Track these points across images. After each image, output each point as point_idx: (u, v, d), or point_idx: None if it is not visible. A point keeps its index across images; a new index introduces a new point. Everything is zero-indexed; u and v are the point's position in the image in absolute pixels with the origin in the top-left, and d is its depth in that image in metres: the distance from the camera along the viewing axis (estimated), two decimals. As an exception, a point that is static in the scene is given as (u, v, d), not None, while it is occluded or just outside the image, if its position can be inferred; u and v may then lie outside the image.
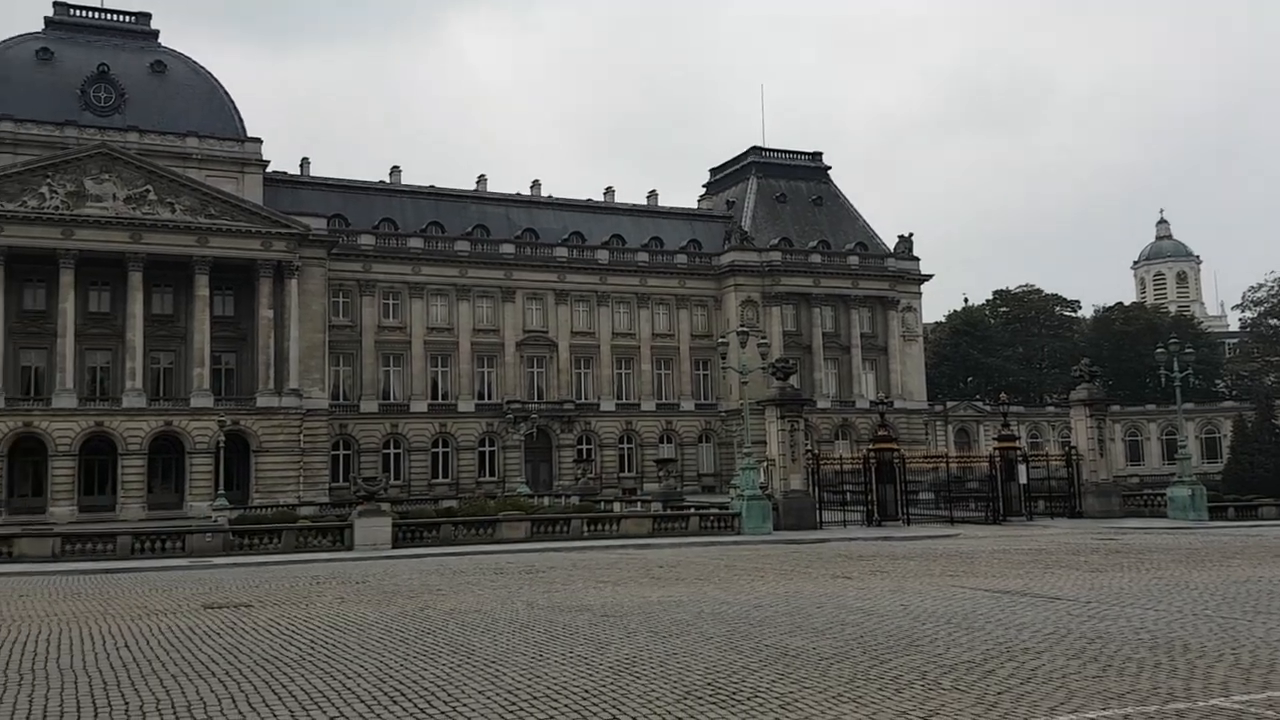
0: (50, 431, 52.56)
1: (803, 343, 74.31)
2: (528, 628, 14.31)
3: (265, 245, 57.72)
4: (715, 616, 15.06)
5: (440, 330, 66.48)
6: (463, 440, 66.13)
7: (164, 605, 17.61)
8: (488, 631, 14.00)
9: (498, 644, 12.98)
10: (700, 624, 14.39)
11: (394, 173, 71.64)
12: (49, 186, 53.55)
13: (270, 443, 56.50)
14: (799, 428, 36.56)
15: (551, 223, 73.33)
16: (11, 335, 53.89)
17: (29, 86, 58.75)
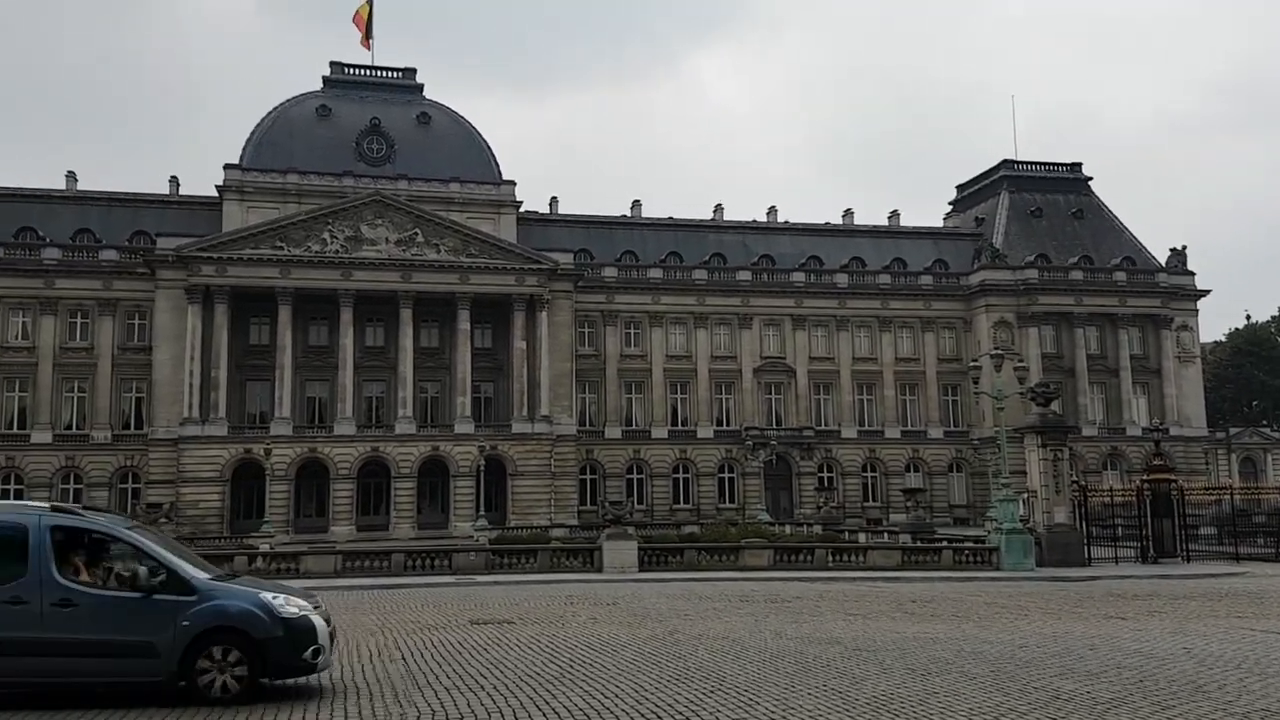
0: (332, 456, 57.46)
1: (1064, 366, 69.91)
2: (778, 658, 14.12)
3: (519, 281, 60.86)
4: (976, 655, 14.29)
5: (679, 358, 67.53)
6: (702, 466, 66.69)
7: (435, 620, 18.71)
8: (738, 659, 13.94)
9: (748, 673, 12.89)
10: (961, 662, 13.70)
11: (635, 206, 73.74)
12: (330, 232, 58.90)
13: (524, 467, 59.24)
14: (1063, 457, 34.25)
15: (788, 248, 72.97)
16: (299, 369, 59.46)
17: (310, 141, 65.03)
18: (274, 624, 11.04)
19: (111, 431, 58.81)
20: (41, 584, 10.63)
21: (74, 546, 11.11)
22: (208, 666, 10.85)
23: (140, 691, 10.99)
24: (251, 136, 64.69)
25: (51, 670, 10.66)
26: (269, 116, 65.88)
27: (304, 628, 11.26)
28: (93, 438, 58.61)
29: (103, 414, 58.90)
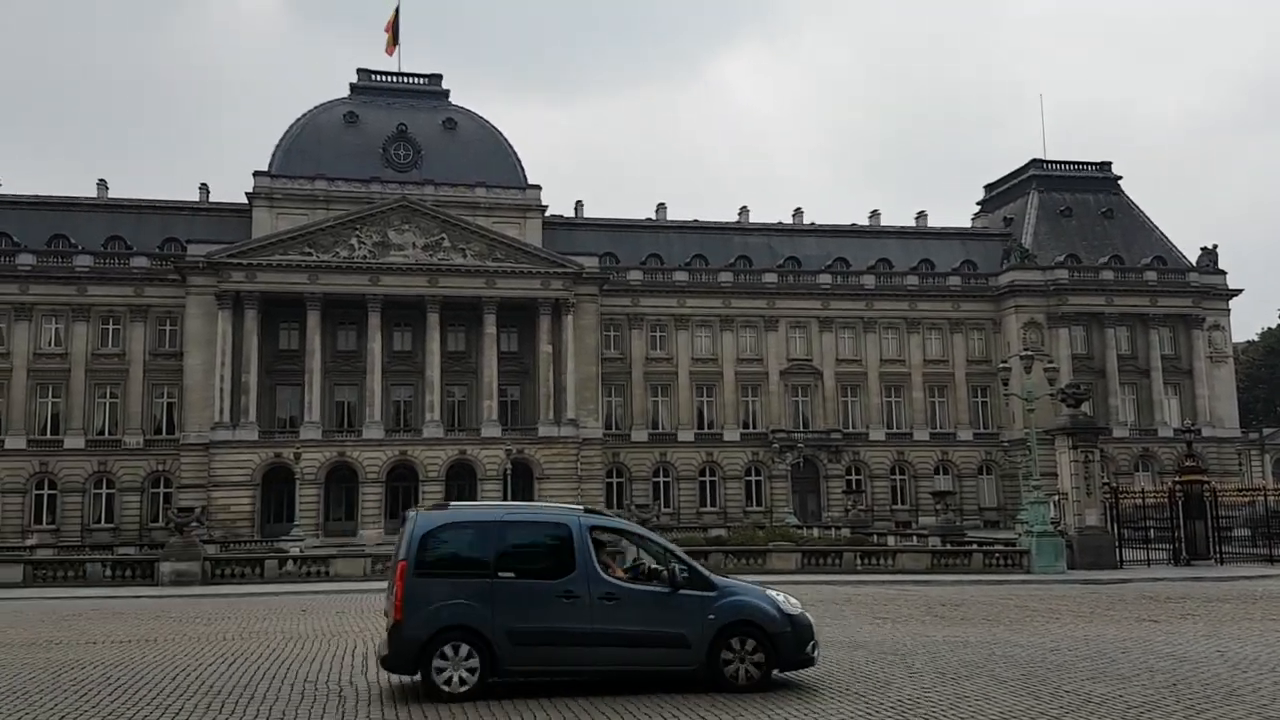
0: (361, 460, 57.86)
1: (1094, 366, 69.25)
2: (806, 661, 14.04)
3: (544, 285, 61.05)
4: (1007, 659, 14.19)
5: (705, 360, 67.44)
6: (729, 469, 66.58)
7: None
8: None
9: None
10: (991, 666, 13.61)
11: (660, 209, 73.76)
12: (357, 238, 59.34)
13: (551, 470, 59.39)
14: (1094, 458, 33.91)
15: (814, 250, 72.72)
16: (328, 374, 59.92)
17: (338, 147, 65.58)
18: (783, 620, 12.08)
19: (143, 436, 59.51)
20: (589, 580, 11.67)
21: (604, 545, 12.48)
22: (730, 657, 11.87)
23: (672, 679, 11.96)
24: (280, 143, 65.34)
25: (601, 660, 11.73)
26: (298, 123, 66.52)
27: (805, 624, 12.27)
28: (125, 443, 59.33)
29: (134, 419, 59.61)
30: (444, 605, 11.31)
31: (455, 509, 12.45)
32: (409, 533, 11.77)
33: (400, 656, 11.40)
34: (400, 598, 11.31)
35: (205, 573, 29.49)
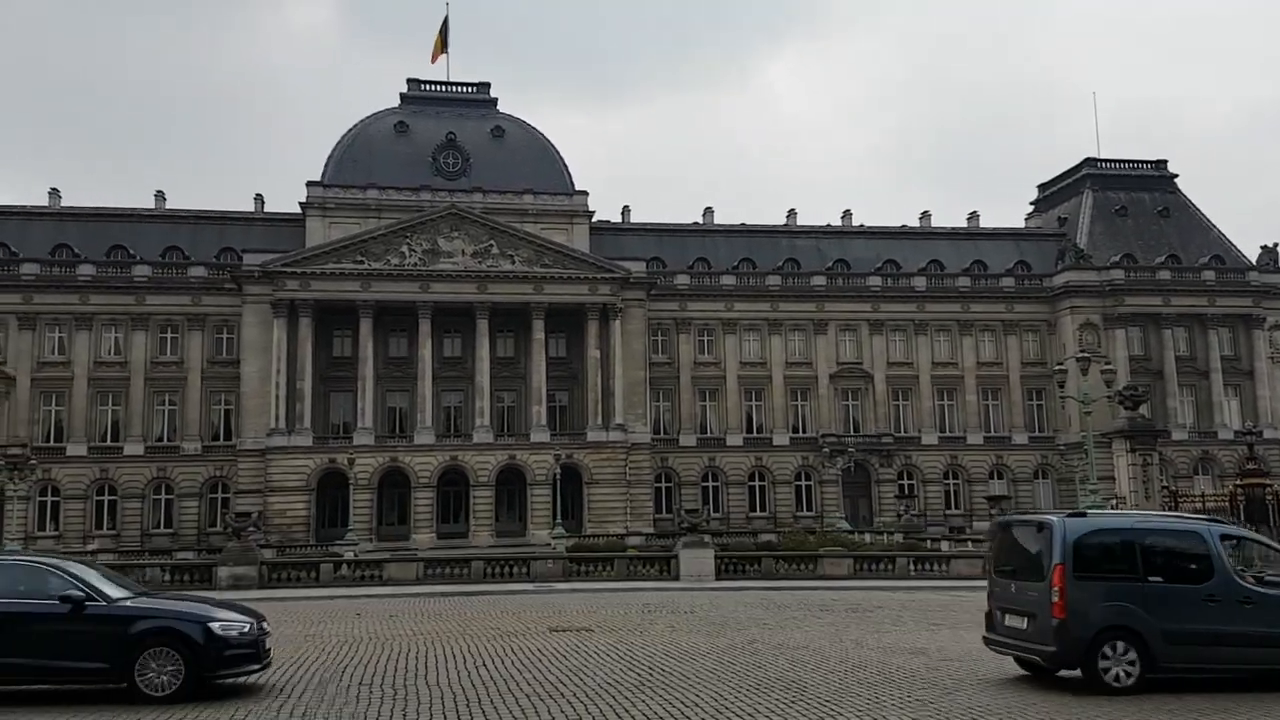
0: (413, 465, 58.40)
1: (1152, 368, 67.81)
2: (860, 668, 13.93)
3: (592, 290, 61.21)
4: (1066, 666, 13.87)
5: (753, 365, 67.11)
6: (778, 474, 66.15)
7: (514, 627, 18.86)
8: (818, 669, 13.77)
9: (829, 683, 12.73)
10: (1050, 674, 13.32)
11: (707, 213, 73.60)
12: (408, 246, 59.98)
13: (600, 474, 59.48)
14: (1152, 461, 33.19)
15: (864, 252, 72.08)
16: (380, 380, 60.61)
17: (389, 157, 66.38)
18: None
19: (201, 443, 60.61)
20: (1227, 584, 12.41)
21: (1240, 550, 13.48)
22: None
23: None
24: (333, 153, 66.28)
25: (1249, 659, 12.44)
26: (349, 134, 67.44)
27: None
28: (183, 449, 60.47)
29: (192, 426, 60.74)
30: (1104, 606, 12.19)
31: (1094, 517, 13.53)
32: (1059, 539, 12.48)
33: (1068, 653, 12.16)
34: (1063, 599, 12.14)
35: (262, 577, 29.94)
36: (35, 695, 12.04)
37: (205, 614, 12.12)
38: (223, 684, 12.13)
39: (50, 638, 11.62)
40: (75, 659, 11.59)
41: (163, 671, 11.55)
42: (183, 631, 11.70)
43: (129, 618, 11.81)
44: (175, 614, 12.10)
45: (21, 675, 11.75)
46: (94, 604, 11.80)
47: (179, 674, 11.56)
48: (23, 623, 11.66)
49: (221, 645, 11.79)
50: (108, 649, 11.57)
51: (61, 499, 58.73)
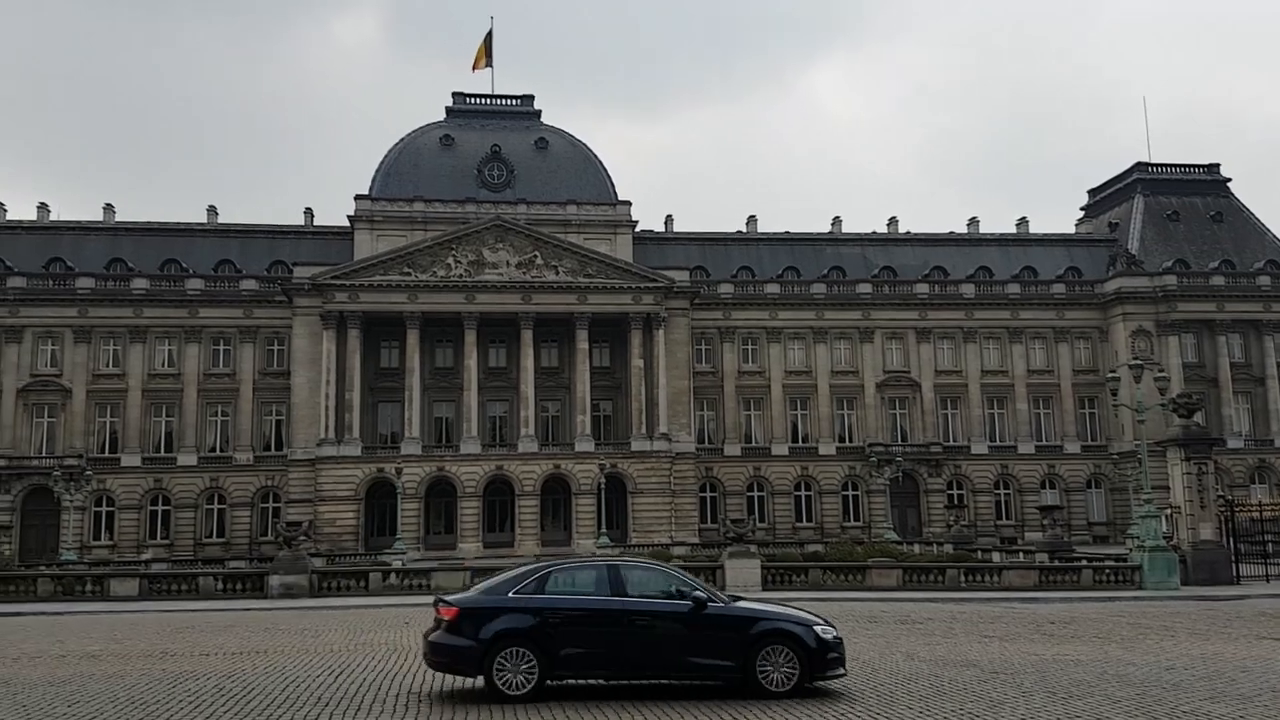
0: (459, 475, 58.84)
1: (1206, 375, 66.47)
2: (911, 680, 13.78)
3: (635, 299, 61.34)
4: (1120, 678, 13.67)
5: (798, 373, 66.79)
6: (825, 484, 65.71)
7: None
8: (869, 682, 13.66)
9: (880, 696, 12.61)
10: (1103, 685, 13.12)
11: (750, 222, 73.49)
12: (454, 257, 60.55)
13: (644, 484, 59.49)
14: (1207, 470, 32.53)
15: (910, 259, 71.53)
16: (427, 390, 61.19)
17: (434, 170, 67.16)
18: None
19: (253, 453, 61.57)
20: None
21: None
22: None
23: None
24: (380, 167, 67.18)
25: None
26: (396, 147, 68.30)
27: None
28: (235, 459, 61.48)
29: (244, 436, 61.74)
30: None
31: None
32: None
33: None
34: None
35: (312, 585, 30.30)
36: (654, 690, 12.66)
37: (809, 619, 12.90)
38: (820, 685, 12.75)
39: (681, 636, 12.43)
40: (703, 655, 12.41)
41: (779, 669, 12.30)
42: (795, 634, 12.49)
43: (749, 619, 12.71)
44: (787, 617, 12.87)
45: (658, 670, 12.49)
46: (714, 604, 12.68)
47: (793, 673, 12.29)
48: (662, 621, 12.49)
49: (824, 648, 12.50)
50: (731, 647, 12.36)
51: (116, 509, 59.97)
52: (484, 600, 12.56)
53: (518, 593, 12.55)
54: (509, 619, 12.22)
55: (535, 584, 12.69)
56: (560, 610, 12.40)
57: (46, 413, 60.69)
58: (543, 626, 12.22)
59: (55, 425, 60.47)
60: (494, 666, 11.99)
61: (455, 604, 12.49)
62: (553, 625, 12.27)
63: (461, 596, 12.97)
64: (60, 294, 61.35)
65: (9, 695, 12.92)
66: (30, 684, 13.87)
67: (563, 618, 12.35)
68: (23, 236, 64.67)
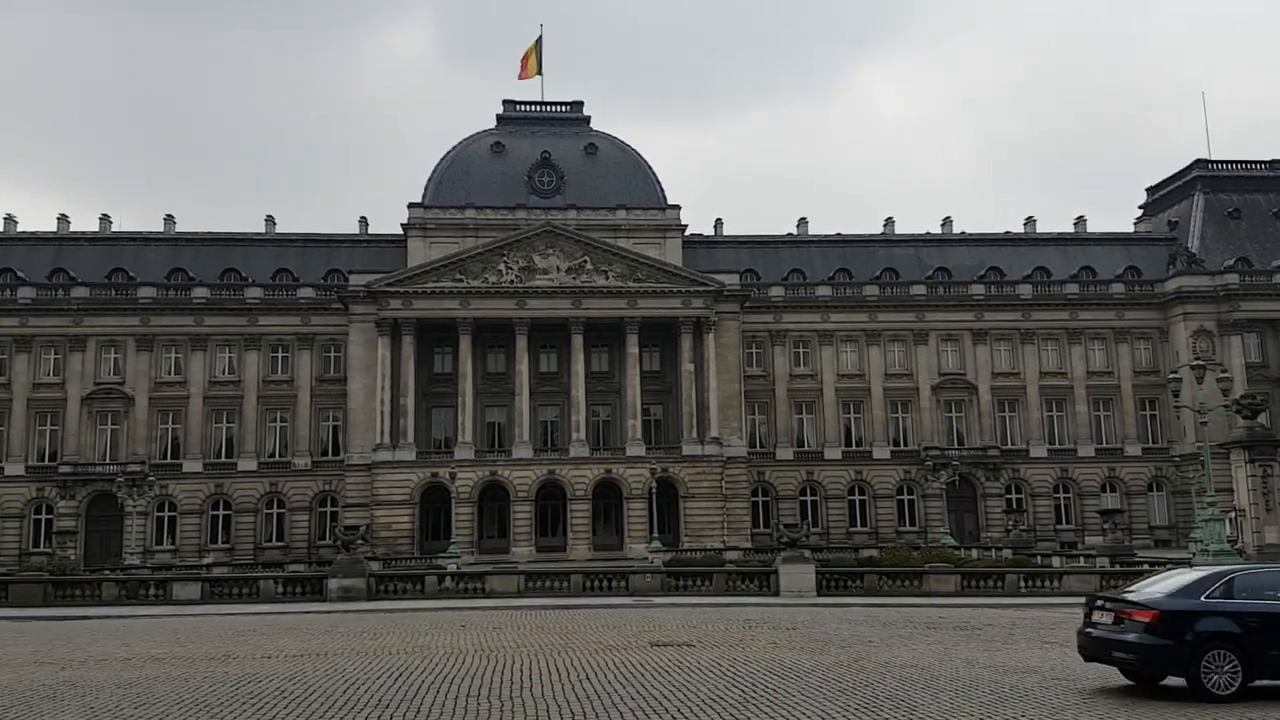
0: (511, 479, 59.19)
1: (1270, 375, 64.72)
2: (971, 688, 13.54)
3: (685, 303, 61.27)
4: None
5: (851, 376, 66.21)
6: (879, 488, 65.03)
7: (615, 641, 18.90)
8: (928, 689, 13.44)
9: (940, 703, 12.41)
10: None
11: (801, 224, 73.03)
12: (505, 263, 60.99)
13: (696, 488, 59.35)
14: (1273, 472, 31.65)
15: (965, 259, 70.57)
16: (479, 395, 61.68)
17: (485, 177, 67.72)
18: None
19: (310, 458, 62.52)
20: None
21: None
22: None
23: None
24: (432, 175, 67.90)
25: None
26: (448, 155, 68.99)
27: None
28: (293, 464, 62.46)
29: (302, 441, 62.70)
30: None
31: None
32: None
33: None
34: None
35: (370, 589, 30.64)
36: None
37: None
38: None
39: None
40: None
41: None
42: None
43: None
44: None
45: None
46: None
47: None
48: None
49: None
50: None
51: (178, 514, 61.23)
52: (1182, 604, 12.90)
53: (1208, 597, 12.96)
54: (1212, 622, 12.62)
55: (1223, 588, 13.07)
56: (1259, 614, 12.69)
57: (110, 420, 62.14)
58: (1244, 630, 12.55)
59: (119, 432, 61.89)
60: (1200, 668, 12.39)
61: (1153, 607, 12.89)
62: (1252, 628, 12.58)
63: (1152, 598, 13.30)
64: (123, 303, 62.79)
65: (78, 697, 13.21)
66: (98, 686, 14.17)
67: (1261, 621, 12.64)
68: (86, 248, 66.33)
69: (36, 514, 60.57)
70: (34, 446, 61.26)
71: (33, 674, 15.24)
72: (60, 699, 12.99)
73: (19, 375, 61.25)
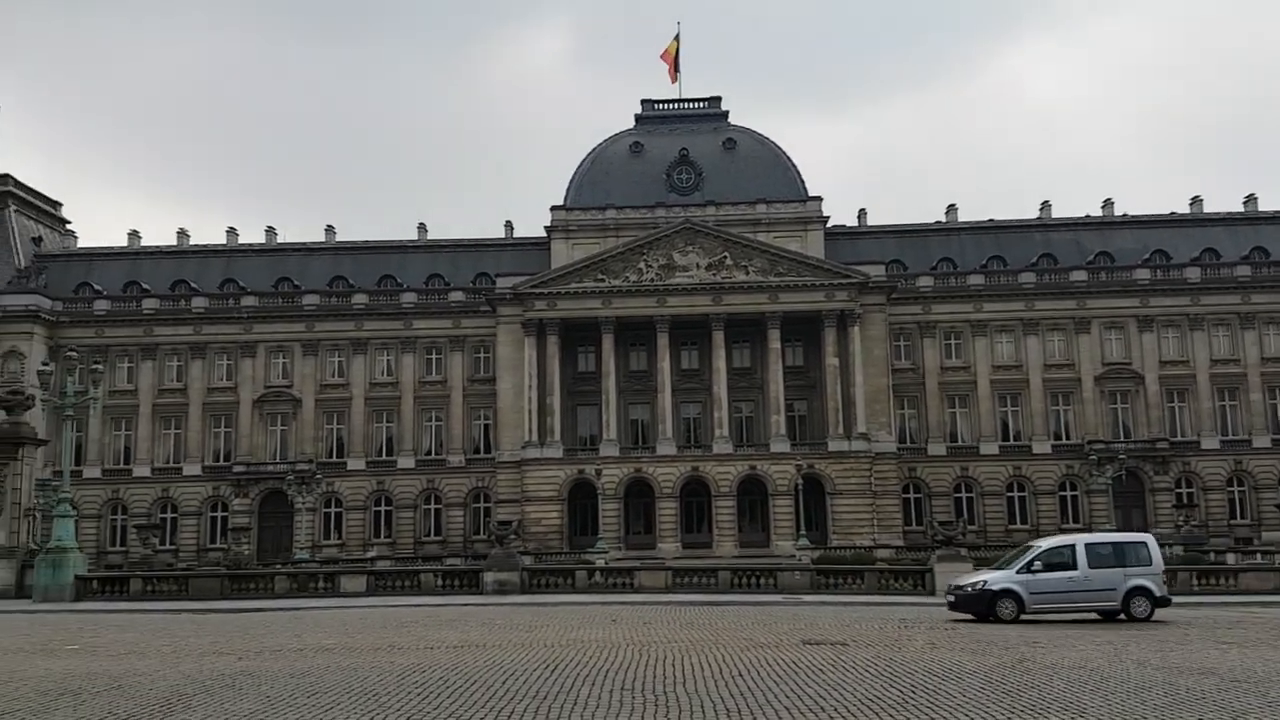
0: (656, 476, 59.62)
1: None
2: (1144, 689, 12.84)
3: (828, 296, 60.36)
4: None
5: (1007, 368, 63.88)
6: (1039, 484, 62.50)
7: (766, 638, 18.74)
8: (1098, 691, 12.81)
9: (1112, 705, 11.80)
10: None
11: (950, 211, 70.90)
12: (645, 262, 61.46)
13: (843, 485, 58.42)
14: None
15: (1129, 243, 67.05)
16: (622, 393, 62.36)
17: (625, 177, 68.42)
18: None
19: (464, 456, 64.60)
20: None
21: None
22: None
23: None
24: (573, 178, 69.09)
25: None
26: (588, 158, 70.03)
27: None
28: (448, 462, 64.66)
29: (456, 440, 64.83)
30: None
31: None
32: None
33: None
34: None
35: (523, 583, 31.39)
36: None
37: None
38: None
39: None
40: None
41: None
42: None
43: None
44: None
45: None
46: None
47: None
48: None
49: None
50: None
51: (344, 509, 64.19)
52: None
53: None
54: None
55: None
56: None
57: (279, 421, 65.67)
58: None
59: (287, 433, 65.35)
60: None
61: None
62: None
63: None
64: (289, 311, 66.28)
65: (255, 686, 13.93)
66: (274, 676, 14.92)
67: None
68: (253, 259, 70.33)
69: (213, 511, 64.62)
70: (209, 447, 65.33)
71: (213, 664, 16.14)
72: (239, 688, 13.71)
73: (195, 381, 65.42)
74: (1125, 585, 21.78)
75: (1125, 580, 21.84)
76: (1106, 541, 24.08)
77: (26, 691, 12.87)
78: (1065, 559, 22.27)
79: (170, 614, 26.82)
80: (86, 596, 30.44)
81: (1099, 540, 24.08)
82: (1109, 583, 21.87)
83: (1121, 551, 22.69)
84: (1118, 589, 21.80)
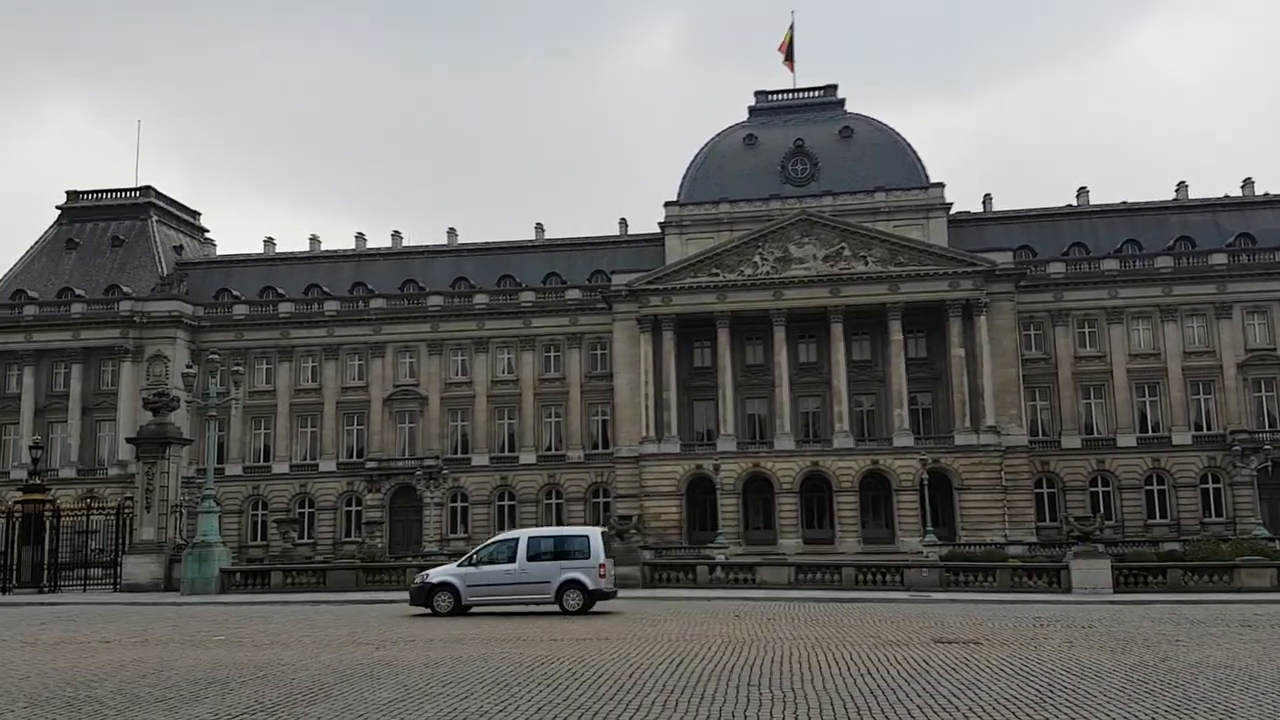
0: (774, 471, 59.16)
1: None
2: (1295, 691, 12.13)
3: (952, 285, 58.81)
4: None
5: (1144, 356, 61.12)
6: (1180, 476, 59.63)
7: (894, 636, 18.40)
8: (1247, 691, 12.16)
9: (1262, 706, 11.18)
10: None
11: (1081, 194, 68.21)
12: (760, 255, 61.01)
13: (971, 480, 56.86)
14: None
15: (1271, 223, 63.33)
16: (738, 388, 62.09)
17: (739, 170, 68.02)
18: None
19: (583, 451, 65.40)
20: None
21: None
22: None
23: None
24: (687, 173, 69.07)
25: None
26: (701, 152, 69.92)
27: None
28: (568, 457, 65.57)
29: (575, 436, 65.68)
30: None
31: None
32: None
33: None
34: None
35: (644, 577, 31.60)
36: None
37: None
38: None
39: None
40: None
41: None
42: None
43: None
44: None
45: None
46: None
47: None
48: None
49: None
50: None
51: (469, 504, 65.76)
52: None
53: None
54: None
55: None
56: None
57: (407, 419, 67.72)
58: None
59: (415, 430, 67.33)
60: None
61: None
62: None
63: None
64: (415, 312, 68.26)
65: (391, 675, 14.40)
66: (409, 665, 15.40)
67: None
68: (380, 262, 72.69)
69: (347, 506, 67.07)
70: (343, 444, 67.81)
71: (351, 654, 16.74)
72: (376, 677, 14.19)
73: (329, 381, 67.99)
74: (560, 578, 22.66)
75: (560, 574, 22.72)
76: (549, 535, 25.28)
77: (178, 681, 13.58)
78: (508, 553, 23.37)
79: (310, 605, 27.94)
80: (230, 589, 31.97)
81: (542, 534, 25.40)
82: (545, 575, 22.84)
83: (564, 545, 23.65)
84: (552, 582, 22.74)
